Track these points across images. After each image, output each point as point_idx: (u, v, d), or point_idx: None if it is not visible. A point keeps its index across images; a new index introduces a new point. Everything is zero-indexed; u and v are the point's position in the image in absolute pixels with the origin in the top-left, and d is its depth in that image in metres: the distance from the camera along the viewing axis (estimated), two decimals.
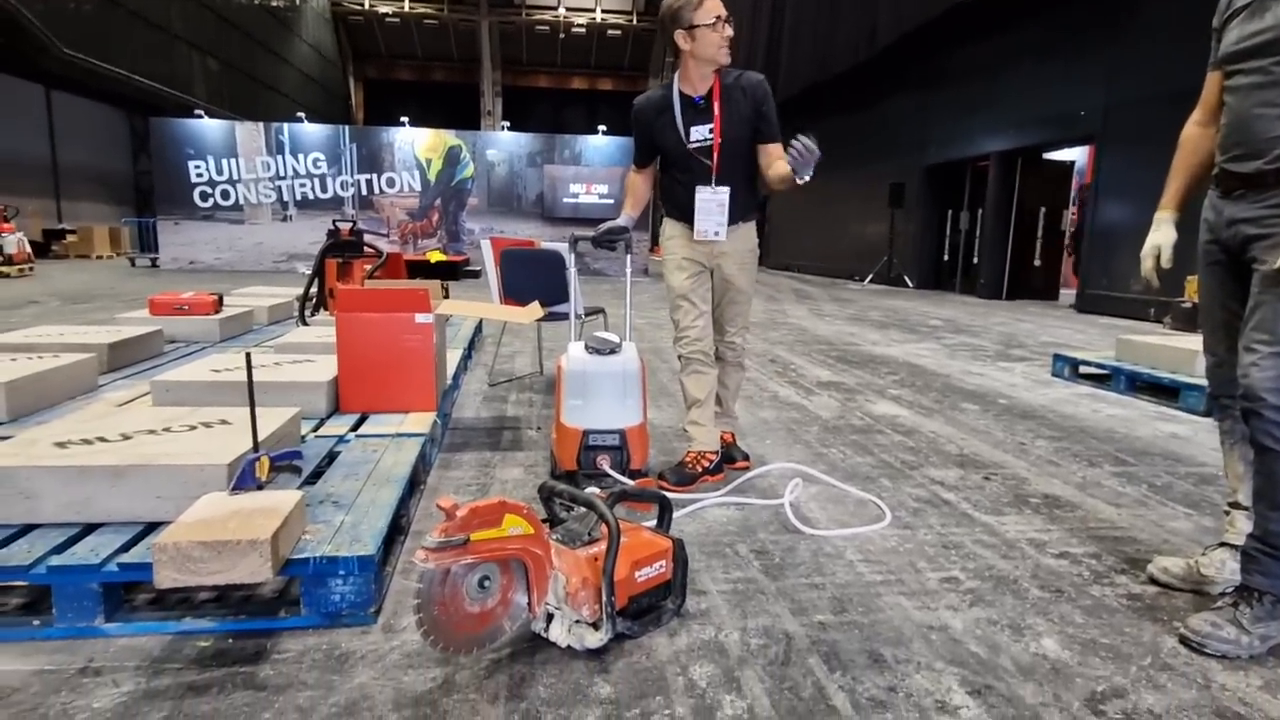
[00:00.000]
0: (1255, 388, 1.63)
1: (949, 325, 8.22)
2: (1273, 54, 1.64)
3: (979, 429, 3.67)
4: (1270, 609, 1.67)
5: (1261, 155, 1.66)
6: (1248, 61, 1.71)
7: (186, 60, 19.73)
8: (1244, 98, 1.72)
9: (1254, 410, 1.65)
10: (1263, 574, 1.69)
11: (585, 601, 1.57)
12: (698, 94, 2.59)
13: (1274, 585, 1.68)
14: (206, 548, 1.51)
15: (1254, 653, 1.66)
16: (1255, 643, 1.66)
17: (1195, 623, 1.71)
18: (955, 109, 12.90)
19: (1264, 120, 1.66)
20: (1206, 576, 1.93)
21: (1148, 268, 2.01)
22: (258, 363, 2.37)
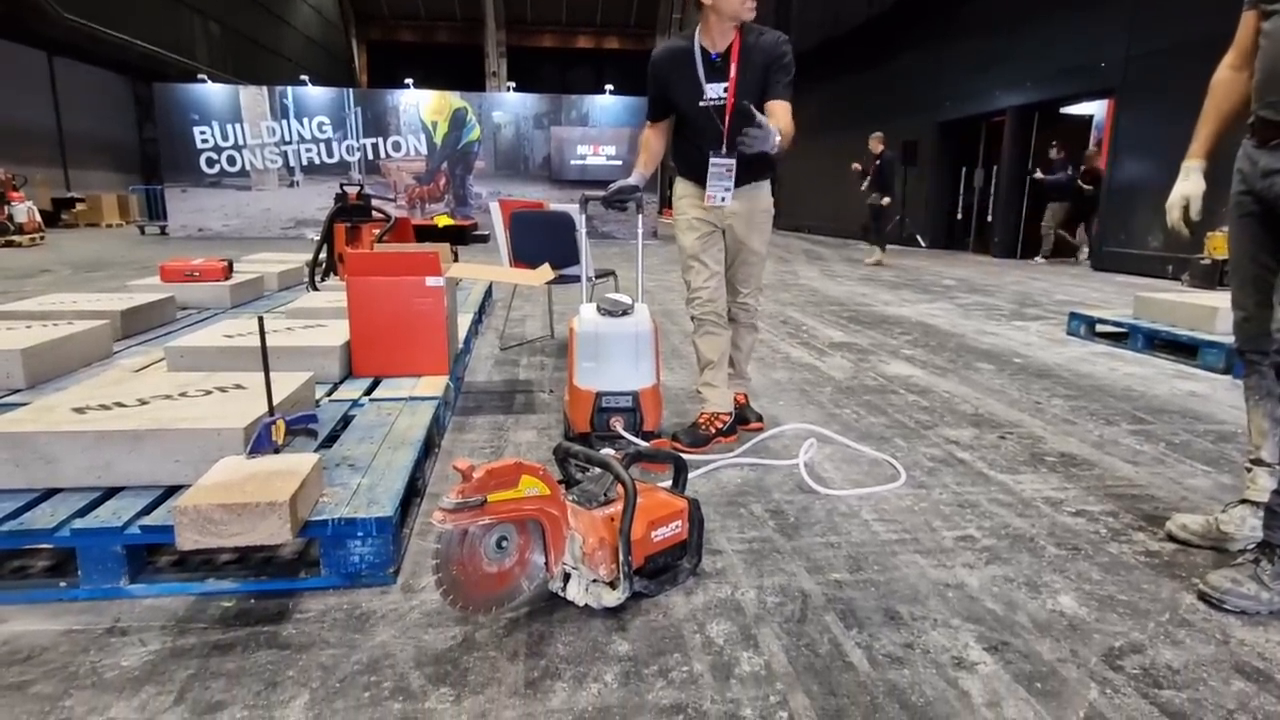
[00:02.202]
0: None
1: (962, 285, 8.13)
2: None
3: (994, 388, 3.64)
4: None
5: None
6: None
7: (189, 24, 19.47)
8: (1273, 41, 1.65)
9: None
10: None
11: (602, 561, 1.58)
12: (716, 50, 2.52)
13: None
14: (226, 510, 1.52)
15: (1274, 609, 1.65)
16: (1275, 599, 1.65)
17: (1215, 579, 1.70)
18: (970, 63, 12.60)
19: None
20: (1226, 533, 1.92)
21: (1175, 218, 1.95)
22: (270, 328, 2.37)
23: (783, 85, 2.51)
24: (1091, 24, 9.86)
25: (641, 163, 2.75)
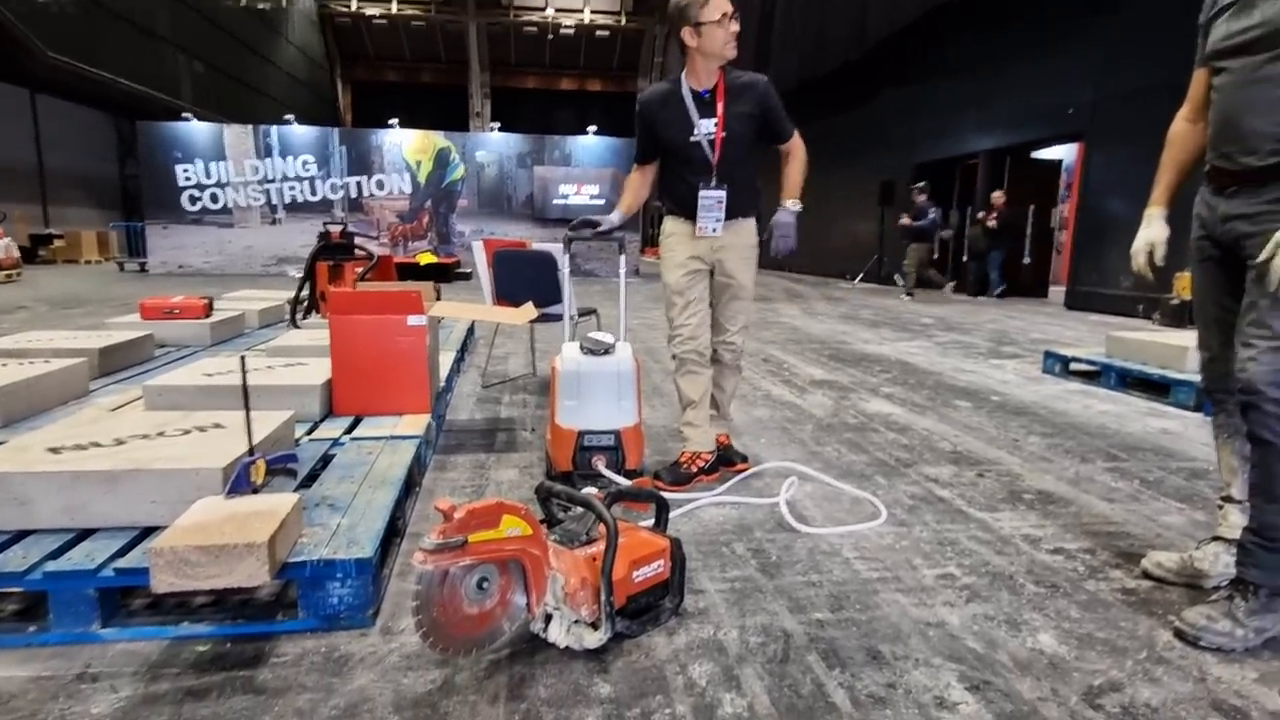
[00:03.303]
0: (1254, 381, 1.65)
1: (940, 323, 8.25)
2: (1262, 50, 1.65)
3: (972, 426, 3.69)
4: (1265, 602, 1.69)
5: (1253, 152, 1.68)
6: (1235, 58, 1.72)
7: (173, 63, 19.59)
8: (1231, 94, 1.73)
9: (1252, 404, 1.66)
10: (1257, 567, 1.70)
11: (584, 601, 1.57)
12: (703, 88, 2.62)
13: (1268, 578, 1.69)
14: (203, 552, 1.50)
15: (1249, 645, 1.67)
16: (1250, 635, 1.67)
17: (1191, 616, 1.72)
18: (945, 107, 12.96)
19: (1254, 117, 1.67)
20: (1200, 570, 1.95)
21: (1140, 263, 2.02)
22: (250, 366, 2.36)
23: (786, 123, 2.69)
24: (1060, 70, 10.21)
25: (625, 204, 2.80)
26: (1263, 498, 1.71)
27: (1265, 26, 1.64)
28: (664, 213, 2.79)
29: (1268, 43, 1.64)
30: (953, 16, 11.89)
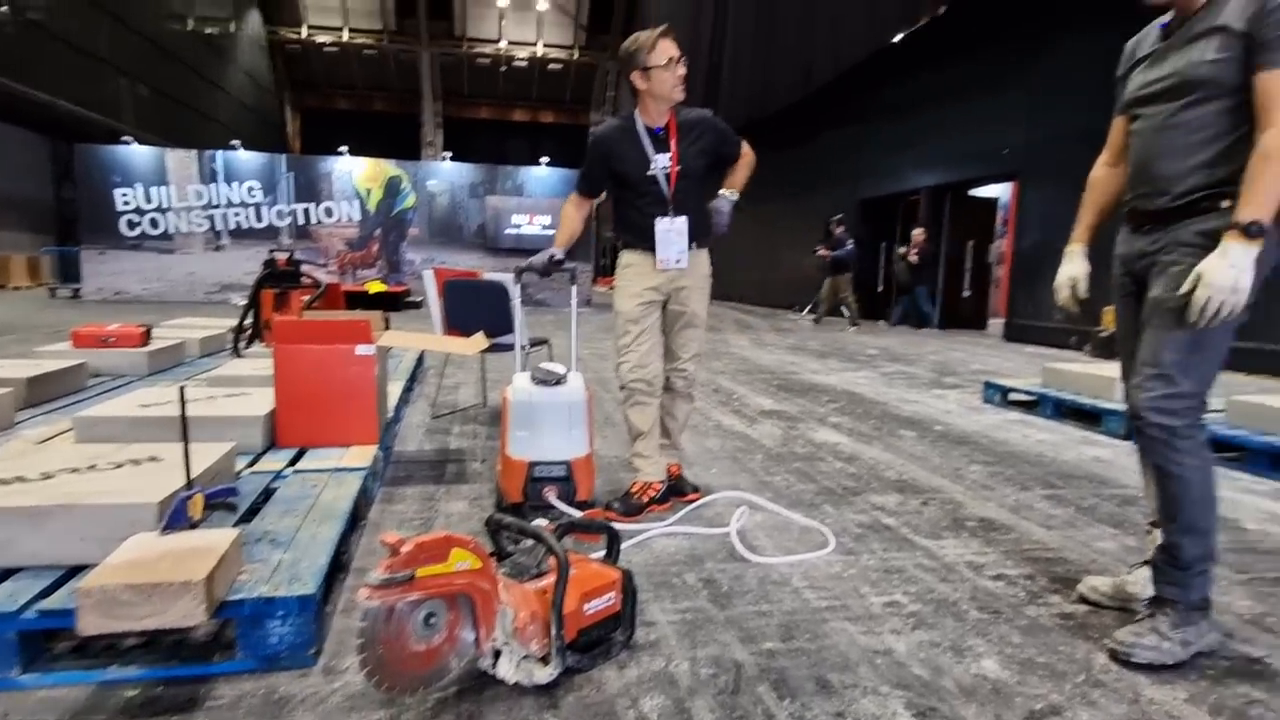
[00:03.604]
0: (1138, 408, 1.77)
1: (885, 354, 8.45)
2: (1171, 99, 1.78)
3: (916, 455, 3.77)
4: (1184, 616, 1.77)
5: (1165, 193, 1.79)
6: (1148, 106, 1.85)
7: (114, 86, 19.11)
8: (1146, 140, 1.85)
9: (1140, 429, 1.78)
10: (1171, 584, 1.80)
11: (534, 636, 1.55)
12: (657, 126, 2.69)
13: (1182, 594, 1.78)
14: (135, 591, 1.44)
15: (1178, 659, 1.74)
16: (1178, 649, 1.75)
17: (1121, 635, 1.79)
18: (887, 145, 13.42)
19: (1166, 161, 1.79)
20: (1132, 594, 2.02)
21: (1064, 297, 2.13)
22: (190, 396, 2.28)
23: (735, 145, 2.82)
24: (995, 112, 10.68)
25: (562, 240, 2.78)
26: (1164, 518, 1.81)
27: (1174, 77, 1.77)
28: (620, 246, 2.82)
29: (1176, 92, 1.76)
30: (894, 60, 12.38)
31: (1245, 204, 1.62)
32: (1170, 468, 1.75)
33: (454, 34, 31.85)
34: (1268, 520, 2.85)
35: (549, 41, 32.70)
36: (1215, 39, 1.68)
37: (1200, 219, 1.73)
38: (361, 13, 31.23)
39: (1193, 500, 1.76)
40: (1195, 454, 1.74)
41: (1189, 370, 1.73)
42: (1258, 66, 1.62)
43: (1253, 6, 1.63)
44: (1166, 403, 1.73)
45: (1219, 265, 1.62)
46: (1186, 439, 1.73)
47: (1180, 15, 1.79)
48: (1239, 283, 1.61)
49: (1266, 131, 1.61)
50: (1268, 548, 2.56)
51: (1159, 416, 1.73)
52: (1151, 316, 1.79)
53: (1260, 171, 1.61)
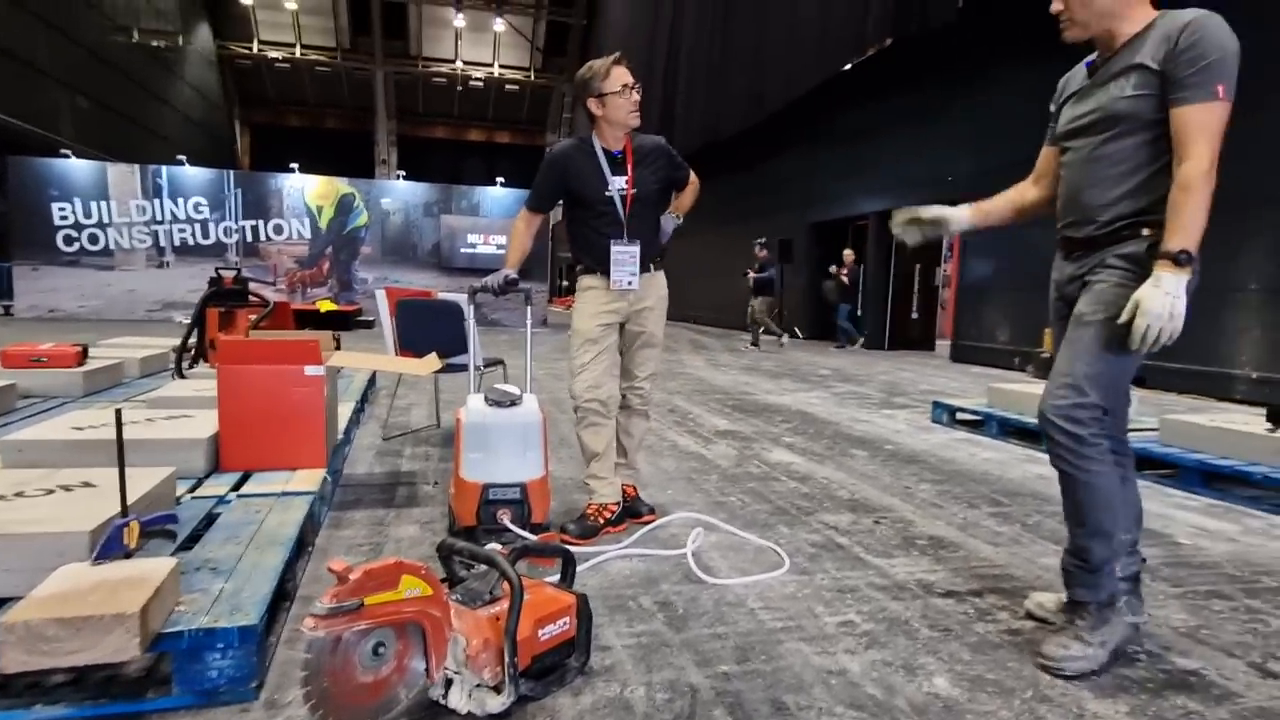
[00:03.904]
0: (1046, 414, 1.85)
1: (837, 374, 8.59)
2: (1096, 133, 1.87)
3: (868, 474, 3.83)
4: (1099, 616, 1.86)
5: (1092, 221, 1.88)
6: (1075, 140, 1.95)
7: (52, 97, 18.47)
8: (1074, 171, 1.95)
9: (1047, 434, 1.85)
10: (1081, 586, 1.88)
11: (487, 664, 1.52)
12: (614, 149, 2.73)
13: (1094, 595, 1.87)
14: (63, 625, 1.37)
15: (1102, 662, 1.81)
16: (1099, 652, 1.82)
17: (1047, 649, 1.85)
18: (837, 171, 13.74)
19: (1091, 191, 1.88)
20: None
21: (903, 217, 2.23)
22: (128, 419, 2.19)
23: (684, 172, 2.87)
24: (941, 140, 11.03)
25: (513, 260, 2.76)
26: (1071, 522, 1.89)
27: (1098, 112, 1.86)
28: (580, 270, 2.82)
29: (1101, 126, 1.86)
30: (843, 89, 12.71)
31: (1172, 234, 1.70)
32: (1078, 474, 1.83)
33: (409, 53, 31.69)
34: (1199, 535, 2.96)
35: (505, 63, 32.76)
36: (1133, 76, 1.78)
37: (1122, 244, 1.83)
38: (315, 30, 30.88)
39: (1099, 505, 1.84)
40: (1101, 460, 1.83)
41: (1098, 383, 1.81)
42: (1172, 102, 1.72)
43: (1165, 46, 1.73)
44: (1074, 411, 1.81)
45: (1155, 294, 1.69)
46: (1093, 446, 1.81)
47: (1103, 54, 1.90)
48: (1175, 309, 1.68)
49: (1184, 163, 1.70)
50: (1200, 562, 2.65)
51: (1066, 424, 1.81)
52: (1071, 330, 1.87)
53: (1182, 202, 1.69)
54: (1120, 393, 1.89)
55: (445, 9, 30.04)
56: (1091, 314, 1.81)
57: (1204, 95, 1.68)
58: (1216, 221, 1.73)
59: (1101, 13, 1.82)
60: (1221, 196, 1.75)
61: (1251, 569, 2.59)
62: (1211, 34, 1.69)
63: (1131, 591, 2.06)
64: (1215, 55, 1.68)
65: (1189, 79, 1.69)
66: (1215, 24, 1.71)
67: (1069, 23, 1.87)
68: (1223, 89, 1.68)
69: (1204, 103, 1.69)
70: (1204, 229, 1.70)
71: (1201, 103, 1.69)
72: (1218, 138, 1.70)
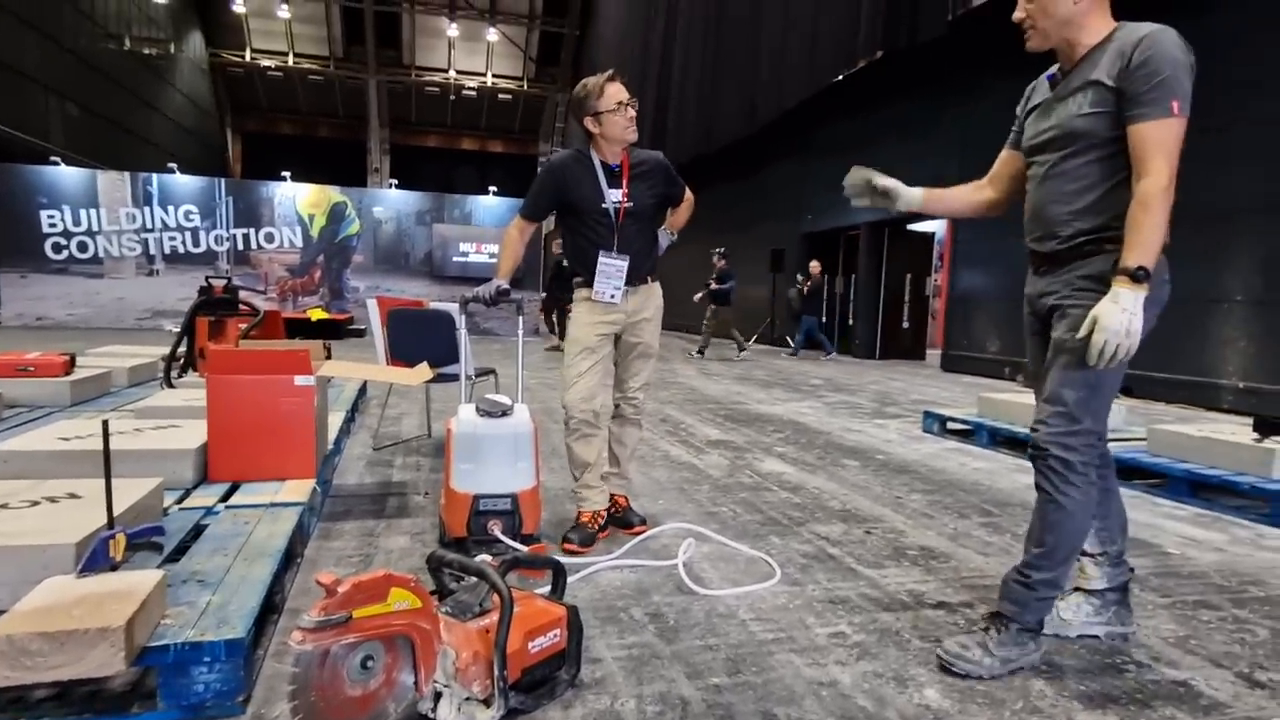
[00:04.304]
0: (1040, 442, 1.86)
1: (828, 384, 8.61)
2: (1056, 150, 1.89)
3: (859, 484, 3.84)
4: (1014, 635, 1.87)
5: (1054, 236, 1.89)
6: (1038, 155, 1.96)
7: (42, 104, 18.38)
8: (1037, 187, 1.96)
9: (1039, 457, 1.87)
10: (1013, 602, 1.89)
11: (476, 677, 1.51)
12: (612, 163, 2.74)
13: (1019, 614, 1.88)
14: (47, 639, 1.36)
15: (994, 674, 1.84)
16: (996, 665, 1.84)
17: (949, 644, 1.89)
18: (829, 180, 13.73)
19: (1053, 207, 1.89)
20: (1066, 620, 2.08)
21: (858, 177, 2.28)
22: (115, 429, 2.17)
23: (680, 189, 2.90)
24: (931, 152, 11.09)
25: (505, 269, 2.75)
26: (1032, 540, 1.90)
27: (1057, 129, 1.88)
28: (578, 282, 2.82)
29: (1060, 142, 1.87)
30: (835, 100, 12.79)
31: (1129, 250, 1.71)
32: (1058, 497, 1.84)
33: (402, 63, 31.72)
34: (1188, 545, 2.98)
35: (498, 72, 32.82)
36: (1090, 93, 1.80)
37: (1087, 262, 1.84)
38: (308, 39, 30.88)
39: (1068, 531, 1.86)
40: (1084, 488, 1.84)
41: (1088, 408, 1.83)
42: (1129, 120, 1.73)
43: (1120, 63, 1.74)
44: (1068, 439, 1.83)
45: (1112, 310, 1.70)
46: (1081, 474, 1.83)
47: (1064, 65, 1.91)
48: (1131, 326, 1.69)
49: (1142, 180, 1.71)
50: (1189, 572, 2.67)
51: (1060, 450, 1.83)
52: (1055, 356, 1.88)
53: (1141, 219, 1.70)
54: (1108, 413, 1.90)
55: (439, 19, 30.12)
56: (1074, 340, 1.80)
57: (1160, 112, 1.69)
58: (1202, 233, 1.76)
59: (1062, 21, 1.83)
60: (1207, 208, 1.77)
61: (1239, 579, 2.60)
62: (1164, 50, 1.70)
63: (1120, 602, 2.08)
64: (1168, 71, 1.69)
65: (1144, 96, 1.70)
66: (1168, 39, 1.72)
67: (1031, 31, 1.88)
68: (1177, 105, 1.69)
69: (1160, 119, 1.69)
70: (1162, 245, 1.72)
71: (1158, 119, 1.70)
72: (1175, 153, 1.71)
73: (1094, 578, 2.07)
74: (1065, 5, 1.81)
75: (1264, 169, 6.48)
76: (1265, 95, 6.49)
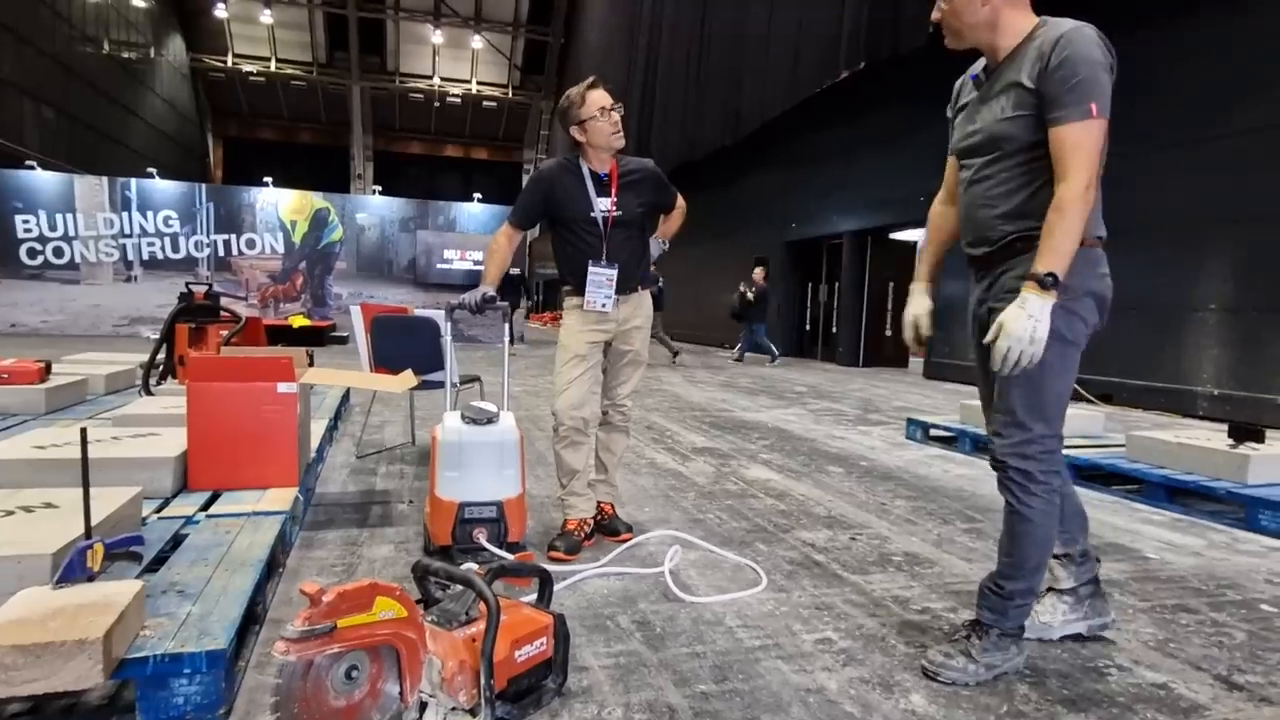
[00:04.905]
0: (997, 454, 1.88)
1: (812, 391, 8.65)
2: (983, 154, 1.88)
3: (844, 491, 3.85)
4: (996, 641, 1.88)
5: (987, 241, 1.89)
6: (968, 158, 1.96)
7: (17, 107, 18.15)
8: (967, 190, 1.96)
9: (999, 470, 1.88)
10: (990, 609, 1.90)
11: (462, 686, 1.50)
12: (601, 171, 2.74)
13: (998, 621, 1.89)
14: (21, 652, 1.33)
15: (980, 680, 1.84)
16: (981, 671, 1.85)
17: (932, 654, 1.90)
18: (812, 190, 13.91)
19: (983, 211, 1.89)
20: (1046, 623, 2.10)
21: (909, 336, 2.22)
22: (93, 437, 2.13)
23: (672, 196, 2.90)
24: (912, 161, 11.21)
25: (492, 276, 2.75)
26: (1003, 551, 1.91)
27: (982, 132, 1.87)
28: (568, 290, 2.82)
29: (987, 147, 1.87)
30: (816, 111, 12.90)
31: (1041, 256, 1.69)
32: (1021, 509, 1.85)
33: (386, 69, 31.64)
34: (1166, 549, 3.01)
35: (483, 80, 32.83)
36: (1012, 95, 1.78)
37: (1018, 261, 1.81)
38: (290, 44, 30.75)
39: (1035, 540, 1.86)
40: (1046, 497, 1.84)
41: (1040, 413, 1.82)
42: (1049, 122, 1.72)
43: (1038, 64, 1.72)
44: (1024, 448, 1.83)
45: (1018, 316, 1.69)
46: (1042, 483, 1.83)
47: (989, 64, 1.89)
48: (1036, 333, 1.68)
49: (1060, 184, 1.69)
50: (1167, 576, 2.70)
51: (1018, 461, 1.83)
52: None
53: (1054, 224, 1.69)
54: (1063, 415, 1.88)
55: (423, 26, 30.10)
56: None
57: (1078, 114, 1.67)
58: (1176, 242, 1.77)
59: (974, 24, 1.81)
60: (1181, 217, 1.79)
61: (1216, 582, 2.64)
62: (1080, 50, 1.68)
63: (1094, 594, 2.11)
64: (1085, 72, 1.67)
65: (1062, 98, 1.68)
66: (1084, 38, 1.70)
67: (947, 32, 1.87)
68: (1095, 107, 1.67)
69: (1078, 122, 1.67)
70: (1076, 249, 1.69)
71: (1076, 122, 1.67)
72: (1094, 155, 1.69)
73: (1063, 579, 2.10)
74: (973, 9, 1.80)
75: (1235, 180, 6.61)
76: (1238, 107, 6.63)
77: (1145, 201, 7.21)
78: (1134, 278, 7.69)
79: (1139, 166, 7.19)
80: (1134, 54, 7.37)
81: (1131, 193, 7.53)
